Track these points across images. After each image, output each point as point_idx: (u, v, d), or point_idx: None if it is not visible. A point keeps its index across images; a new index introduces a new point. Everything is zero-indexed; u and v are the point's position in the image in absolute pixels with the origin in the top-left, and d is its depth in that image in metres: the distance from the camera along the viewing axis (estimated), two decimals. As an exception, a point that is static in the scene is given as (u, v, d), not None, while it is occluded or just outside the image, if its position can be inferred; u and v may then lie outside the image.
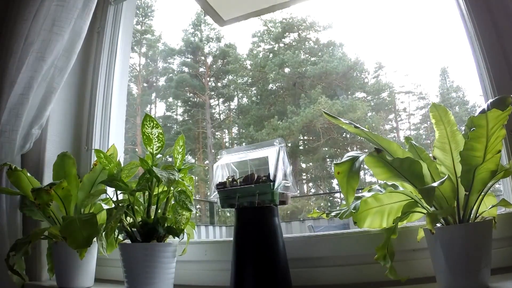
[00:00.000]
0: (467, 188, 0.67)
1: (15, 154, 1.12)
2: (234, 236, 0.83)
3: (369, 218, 0.80)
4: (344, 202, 0.82)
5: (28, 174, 1.00)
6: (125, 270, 0.88)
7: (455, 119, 0.69)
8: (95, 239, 0.92)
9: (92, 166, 1.06)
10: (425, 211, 0.74)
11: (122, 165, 0.98)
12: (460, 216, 0.69)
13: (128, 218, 0.93)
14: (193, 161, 0.98)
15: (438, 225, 0.70)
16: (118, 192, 0.95)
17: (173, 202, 0.94)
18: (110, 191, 1.01)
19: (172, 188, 0.91)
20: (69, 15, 1.15)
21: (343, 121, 0.73)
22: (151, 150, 0.92)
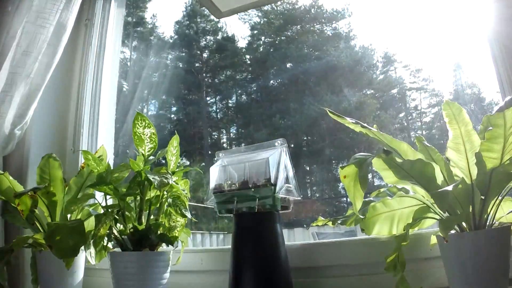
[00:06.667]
0: (483, 192, 0.67)
1: (-3, 156, 1.12)
2: (233, 244, 0.83)
3: (377, 225, 0.80)
4: (351, 208, 0.82)
5: (10, 178, 1.00)
6: (115, 280, 0.88)
7: (470, 117, 0.70)
8: (82, 247, 0.92)
9: (79, 169, 1.06)
10: (438, 217, 0.74)
11: (112, 168, 0.98)
12: (475, 222, 0.69)
13: (118, 224, 0.93)
14: (188, 163, 0.98)
15: (452, 232, 0.70)
16: (108, 196, 0.95)
17: (166, 208, 0.94)
18: (99, 195, 1.01)
19: (165, 193, 0.92)
20: (55, 6, 1.15)
21: (349, 120, 0.73)
22: (142, 152, 0.93)
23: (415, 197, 0.77)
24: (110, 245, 0.97)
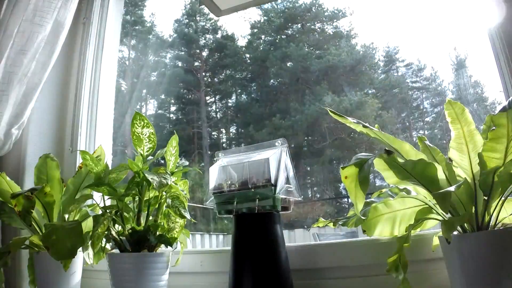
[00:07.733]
0: (486, 193, 0.67)
1: (-7, 156, 1.12)
2: (232, 246, 0.83)
3: (379, 226, 0.80)
4: (352, 209, 0.82)
5: (8, 178, 1.00)
6: (113, 282, 0.88)
7: (472, 117, 0.70)
8: (80, 248, 0.92)
9: (77, 169, 1.06)
10: (440, 218, 0.74)
11: (110, 168, 0.98)
12: (478, 223, 0.69)
13: (116, 225, 0.93)
14: (187, 163, 0.98)
15: (455, 233, 0.70)
16: (106, 197, 0.95)
17: (165, 208, 0.94)
18: (97, 196, 1.00)
19: (164, 193, 0.91)
20: (52, 4, 1.16)
21: (350, 120, 0.73)
22: (141, 152, 0.93)
23: (417, 198, 0.77)
24: (108, 246, 0.97)
